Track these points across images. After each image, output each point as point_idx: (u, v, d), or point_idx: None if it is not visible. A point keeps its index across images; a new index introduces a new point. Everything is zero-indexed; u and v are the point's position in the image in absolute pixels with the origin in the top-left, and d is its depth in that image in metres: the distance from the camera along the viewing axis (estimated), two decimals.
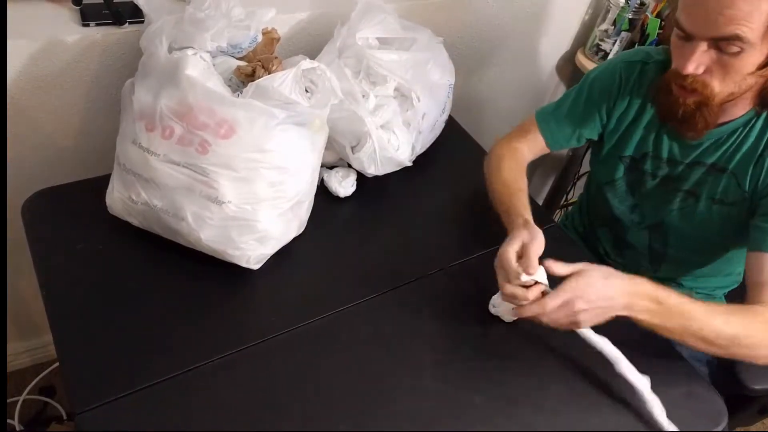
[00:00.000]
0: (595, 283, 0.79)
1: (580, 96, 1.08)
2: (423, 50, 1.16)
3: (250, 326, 0.89)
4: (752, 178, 0.93)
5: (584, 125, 1.08)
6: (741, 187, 0.94)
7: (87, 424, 0.75)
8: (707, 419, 0.86)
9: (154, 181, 0.88)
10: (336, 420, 0.80)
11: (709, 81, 0.85)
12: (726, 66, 0.83)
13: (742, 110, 0.92)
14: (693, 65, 0.84)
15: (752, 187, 0.93)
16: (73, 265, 0.92)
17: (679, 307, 0.81)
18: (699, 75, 0.85)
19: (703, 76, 0.85)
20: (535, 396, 0.86)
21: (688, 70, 0.84)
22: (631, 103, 1.03)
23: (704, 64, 0.84)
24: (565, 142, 1.11)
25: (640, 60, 1.03)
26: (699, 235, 0.94)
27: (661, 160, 1.01)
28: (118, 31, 1.08)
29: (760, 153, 0.92)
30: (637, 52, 1.06)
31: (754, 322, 0.82)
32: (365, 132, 1.06)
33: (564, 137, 1.10)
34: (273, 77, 0.87)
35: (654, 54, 1.02)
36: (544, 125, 1.10)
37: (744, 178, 0.93)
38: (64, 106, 1.13)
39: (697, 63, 0.84)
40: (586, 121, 1.07)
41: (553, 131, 1.10)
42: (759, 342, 0.81)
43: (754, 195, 0.93)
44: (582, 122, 1.08)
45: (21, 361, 1.55)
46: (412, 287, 0.98)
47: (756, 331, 0.81)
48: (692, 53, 0.83)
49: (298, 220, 0.98)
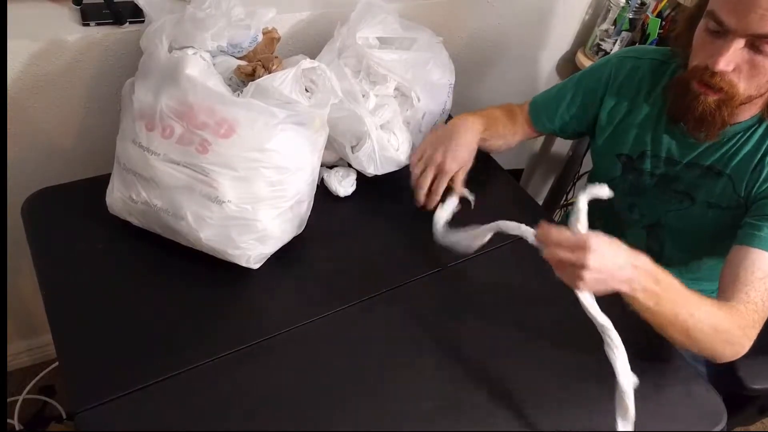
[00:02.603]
0: (605, 246, 0.75)
1: (569, 84, 1.12)
2: (423, 50, 1.16)
3: (249, 326, 0.89)
4: (748, 183, 0.92)
5: (566, 111, 1.11)
6: (736, 192, 0.94)
7: (86, 424, 0.75)
8: (707, 419, 0.86)
9: (154, 180, 0.89)
10: (336, 420, 0.80)
11: (736, 81, 0.83)
12: (756, 66, 0.81)
13: (747, 115, 0.92)
14: (725, 62, 0.81)
15: (747, 191, 0.92)
16: (73, 264, 0.92)
17: (674, 292, 0.80)
18: (728, 73, 0.83)
19: (731, 74, 0.83)
20: (536, 396, 0.86)
21: (720, 66, 0.81)
22: (620, 99, 1.03)
23: (735, 62, 0.81)
24: (548, 123, 1.14)
25: (633, 56, 1.03)
26: (695, 237, 0.95)
27: (660, 158, 1.01)
28: (118, 30, 1.08)
29: (759, 158, 0.91)
30: (632, 48, 1.07)
31: (730, 316, 0.82)
32: (365, 132, 1.06)
33: (547, 118, 1.14)
34: (273, 77, 0.87)
35: (650, 52, 1.02)
36: (533, 106, 1.16)
37: (740, 183, 0.93)
38: (64, 106, 1.13)
39: (730, 60, 0.81)
40: (570, 108, 1.11)
41: (539, 111, 1.14)
42: (731, 337, 0.82)
43: (749, 199, 0.92)
44: (565, 108, 1.11)
45: (21, 361, 1.55)
46: (412, 287, 0.98)
47: (731, 325, 0.82)
48: (727, 50, 0.80)
49: (298, 219, 0.98)
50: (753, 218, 0.89)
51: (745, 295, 0.84)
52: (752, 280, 0.84)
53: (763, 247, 0.86)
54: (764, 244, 0.86)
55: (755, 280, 0.84)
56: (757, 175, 0.91)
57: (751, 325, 0.83)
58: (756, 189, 0.91)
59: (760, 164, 0.91)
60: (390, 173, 1.13)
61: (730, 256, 0.89)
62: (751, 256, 0.86)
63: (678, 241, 1.06)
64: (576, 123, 1.11)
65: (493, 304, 0.97)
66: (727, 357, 0.85)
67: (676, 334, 0.82)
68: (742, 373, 0.99)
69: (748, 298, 0.83)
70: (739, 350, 0.84)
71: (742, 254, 0.87)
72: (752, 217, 0.90)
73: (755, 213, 0.90)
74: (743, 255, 0.86)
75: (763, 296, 0.84)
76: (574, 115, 1.12)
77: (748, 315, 0.83)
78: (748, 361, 1.01)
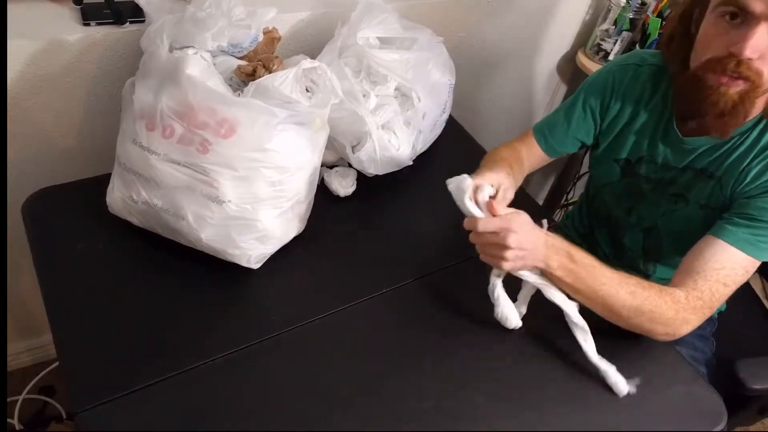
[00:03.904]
0: (526, 227, 0.83)
1: (575, 102, 1.08)
2: (423, 50, 1.16)
3: (249, 325, 0.89)
4: (735, 184, 0.92)
5: (578, 129, 1.08)
6: (723, 193, 0.93)
7: (86, 424, 0.75)
8: (707, 419, 0.86)
9: (154, 180, 0.89)
10: (336, 419, 0.79)
11: (762, 68, 0.79)
12: None
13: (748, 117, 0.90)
14: (752, 48, 0.77)
15: (732, 191, 0.92)
16: (73, 264, 0.92)
17: (591, 269, 0.84)
18: (754, 60, 0.79)
19: (758, 62, 0.79)
20: (536, 396, 0.86)
21: (747, 53, 0.77)
22: (624, 106, 1.03)
23: (760, 49, 0.78)
24: (560, 147, 1.11)
25: (634, 63, 1.02)
26: (690, 238, 0.94)
27: (656, 164, 1.01)
28: (118, 30, 1.08)
29: (748, 161, 0.90)
30: (631, 55, 1.05)
31: (661, 298, 0.84)
32: (366, 132, 1.06)
33: (558, 142, 1.10)
34: (274, 77, 0.87)
35: (648, 57, 1.02)
36: (539, 134, 1.11)
37: (727, 185, 0.93)
38: (64, 106, 1.13)
39: (757, 46, 0.77)
40: (580, 125, 1.08)
41: (547, 138, 1.11)
42: (659, 317, 0.84)
43: (732, 198, 0.92)
44: (576, 126, 1.08)
45: (21, 361, 1.55)
46: (412, 287, 0.98)
47: (659, 307, 0.84)
48: (752, 35, 0.77)
49: (298, 219, 0.98)
50: (731, 214, 0.90)
51: (692, 282, 0.86)
52: (706, 269, 0.86)
53: (728, 240, 0.86)
54: (730, 237, 0.86)
55: (709, 270, 0.86)
56: (744, 176, 0.91)
57: (690, 311, 0.85)
58: (740, 189, 0.91)
59: (748, 166, 0.91)
60: (390, 173, 1.13)
61: (697, 244, 0.90)
62: (714, 246, 0.87)
63: (674, 243, 1.07)
64: (587, 138, 1.09)
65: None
66: (659, 336, 0.87)
67: (600, 309, 0.86)
68: (742, 374, 0.99)
69: (695, 285, 0.85)
70: (672, 332, 0.86)
71: (705, 243, 0.88)
72: (731, 213, 0.90)
73: (735, 210, 0.90)
74: (707, 244, 0.88)
75: (713, 286, 0.85)
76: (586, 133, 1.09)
77: (689, 302, 0.85)
78: (748, 361, 1.01)
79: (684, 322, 0.85)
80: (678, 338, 0.87)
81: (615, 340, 0.90)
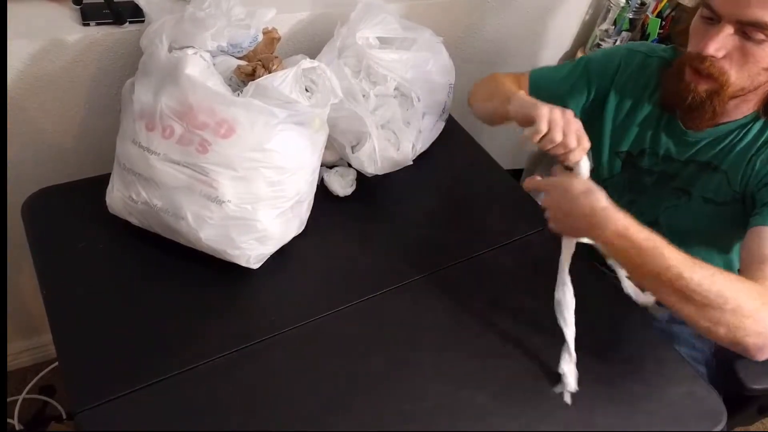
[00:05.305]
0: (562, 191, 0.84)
1: (576, 67, 1.09)
2: (423, 50, 1.16)
3: (249, 326, 0.89)
4: (743, 177, 0.93)
5: (570, 93, 1.08)
6: (731, 186, 0.94)
7: (86, 424, 0.75)
8: (706, 419, 0.86)
9: (154, 180, 0.89)
10: (336, 419, 0.80)
11: (727, 68, 0.85)
12: (747, 54, 0.82)
13: (744, 112, 0.93)
14: (715, 46, 0.83)
15: (743, 186, 0.93)
16: (73, 264, 0.92)
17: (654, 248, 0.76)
18: (718, 60, 0.84)
19: (721, 61, 0.84)
20: (536, 396, 0.86)
21: (709, 50, 0.83)
22: (625, 96, 1.03)
23: (726, 48, 0.83)
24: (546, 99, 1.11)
25: (643, 52, 1.03)
26: (692, 232, 0.95)
27: (658, 156, 1.01)
28: (118, 30, 1.08)
29: (752, 154, 0.92)
30: (643, 44, 1.07)
31: (744, 288, 0.74)
32: (365, 131, 1.06)
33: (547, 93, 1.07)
34: (273, 76, 0.87)
35: (659, 50, 1.02)
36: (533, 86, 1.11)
37: (735, 178, 0.94)
38: (64, 106, 1.13)
39: (720, 45, 0.83)
40: (573, 90, 1.08)
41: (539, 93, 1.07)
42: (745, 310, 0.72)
43: (746, 192, 0.93)
44: (569, 90, 1.08)
45: (21, 361, 1.55)
46: (412, 286, 0.98)
47: (743, 298, 0.73)
48: (716, 35, 0.82)
49: (298, 219, 0.98)
50: (760, 204, 0.89)
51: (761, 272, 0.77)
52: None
53: None
54: None
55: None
56: (750, 170, 0.92)
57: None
58: (751, 181, 0.92)
59: (753, 159, 0.92)
60: (390, 173, 1.13)
61: (746, 239, 0.86)
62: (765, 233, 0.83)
63: (676, 237, 1.06)
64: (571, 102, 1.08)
65: (493, 304, 0.97)
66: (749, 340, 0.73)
67: (669, 295, 0.75)
68: (741, 374, 0.99)
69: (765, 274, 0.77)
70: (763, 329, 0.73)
71: (755, 234, 0.84)
72: (760, 203, 0.90)
73: (761, 199, 0.90)
74: (757, 235, 0.84)
75: None
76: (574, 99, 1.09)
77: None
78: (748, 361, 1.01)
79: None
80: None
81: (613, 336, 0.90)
